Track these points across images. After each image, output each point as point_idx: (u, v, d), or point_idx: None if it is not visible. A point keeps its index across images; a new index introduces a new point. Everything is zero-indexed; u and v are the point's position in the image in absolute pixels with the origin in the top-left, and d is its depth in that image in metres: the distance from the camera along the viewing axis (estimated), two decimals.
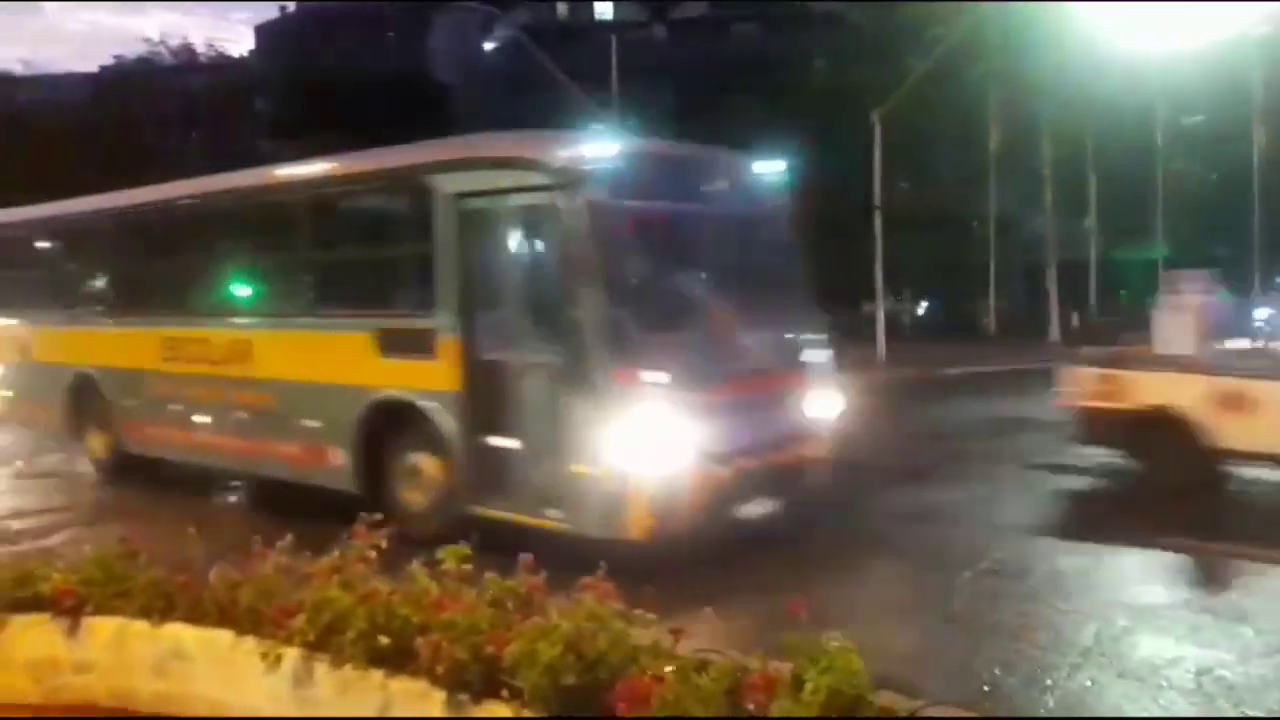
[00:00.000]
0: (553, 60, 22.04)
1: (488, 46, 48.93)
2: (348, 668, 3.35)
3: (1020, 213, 31.32)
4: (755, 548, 6.54)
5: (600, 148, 6.45)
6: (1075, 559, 6.51)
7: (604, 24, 47.31)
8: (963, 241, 32.10)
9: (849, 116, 24.74)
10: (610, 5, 50.43)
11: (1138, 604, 5.57)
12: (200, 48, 47.45)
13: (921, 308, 36.56)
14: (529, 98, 41.27)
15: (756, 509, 6.60)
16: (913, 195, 29.02)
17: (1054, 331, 28.46)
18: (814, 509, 7.45)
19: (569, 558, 3.85)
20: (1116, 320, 21.16)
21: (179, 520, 4.53)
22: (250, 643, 3.58)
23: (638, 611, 3.23)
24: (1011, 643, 4.91)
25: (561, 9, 50.83)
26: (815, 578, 5.97)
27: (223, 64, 48.33)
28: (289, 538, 3.92)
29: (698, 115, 33.91)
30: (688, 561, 5.88)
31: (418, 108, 40.60)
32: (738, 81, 35.68)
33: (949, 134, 29.08)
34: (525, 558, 3.62)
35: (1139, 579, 6.23)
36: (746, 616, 4.66)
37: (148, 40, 52.64)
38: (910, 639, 5.00)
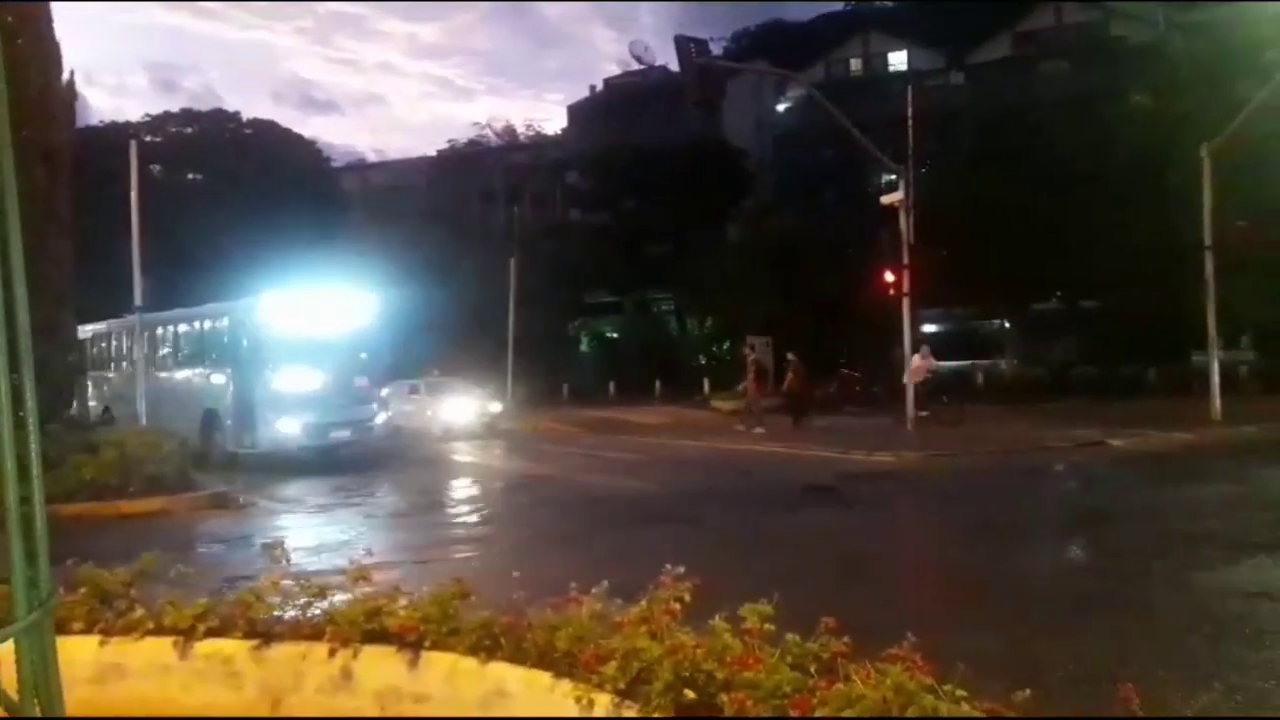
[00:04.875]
0: (846, 114, 21.99)
1: (781, 108, 49.85)
2: (655, 716, 3.44)
3: None
4: (1085, 623, 6.06)
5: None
6: None
7: (899, 75, 46.72)
8: None
9: (1173, 153, 22.78)
10: (905, 55, 49.76)
11: None
12: (520, 128, 51.80)
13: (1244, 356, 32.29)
14: (824, 151, 41.61)
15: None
16: (1251, 233, 26.01)
17: None
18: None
19: (872, 625, 3.76)
20: None
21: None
22: (566, 685, 3.76)
23: (947, 687, 3.09)
24: None
25: (855, 63, 50.72)
26: (1146, 659, 5.43)
27: (540, 142, 52.47)
28: (604, 584, 4.12)
29: (994, 159, 32.53)
30: (995, 639, 5.55)
31: (714, 173, 41.97)
32: (1045, 122, 33.83)
33: None
34: (827, 621, 3.58)
35: None
36: (1067, 696, 4.31)
37: (476, 124, 58.24)
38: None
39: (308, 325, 18.89)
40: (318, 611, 4.60)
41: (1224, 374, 21.42)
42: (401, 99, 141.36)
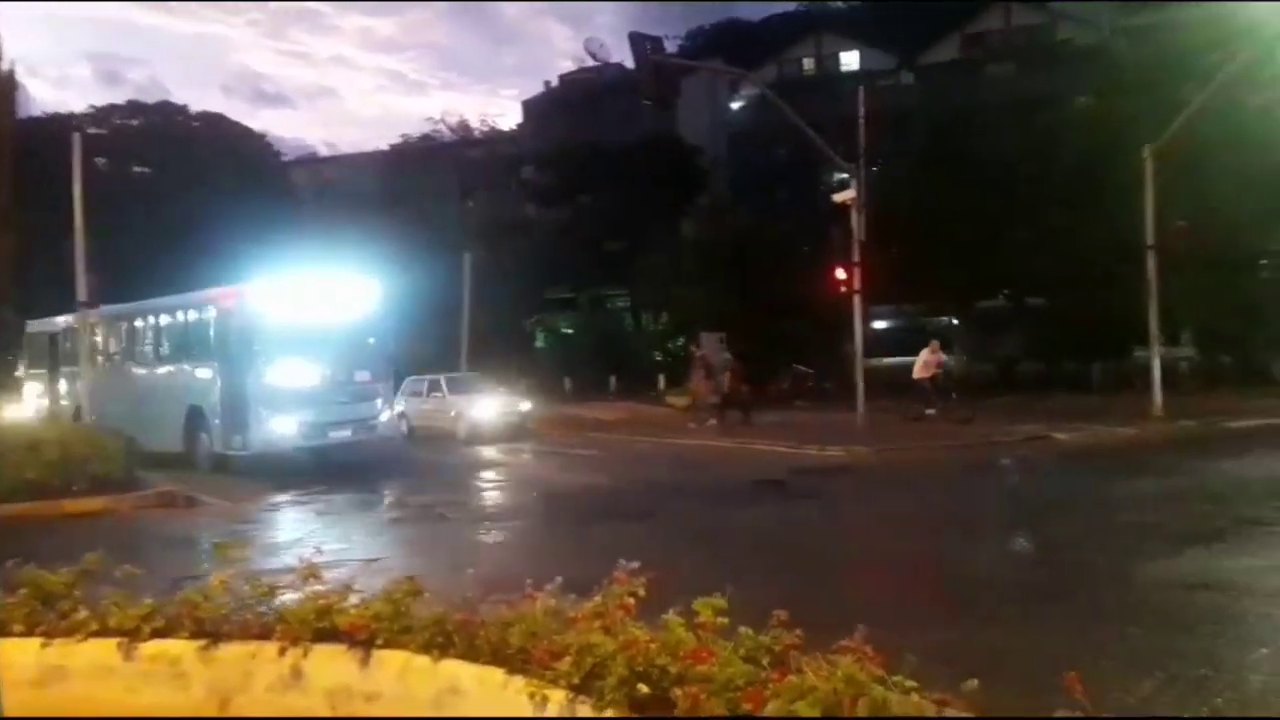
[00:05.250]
0: (799, 113, 22.14)
1: (735, 106, 50.08)
2: (609, 713, 3.45)
3: None
4: (1031, 614, 6.19)
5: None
6: None
7: (850, 75, 47.16)
8: (1249, 282, 29.07)
9: (1116, 154, 23.28)
10: (856, 56, 50.24)
11: None
12: (475, 124, 51.46)
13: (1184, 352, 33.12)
14: (778, 150, 41.90)
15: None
16: (1190, 233, 26.70)
17: None
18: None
19: (824, 618, 3.80)
20: None
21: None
22: (519, 682, 3.74)
23: (897, 678, 3.13)
24: None
25: (808, 63, 51.10)
26: (1090, 648, 5.55)
27: (495, 138, 52.19)
28: (559, 580, 4.12)
29: (943, 159, 33.02)
30: (944, 631, 5.64)
31: (669, 170, 42.05)
32: (992, 124, 34.40)
33: (1231, 167, 26.57)
34: (779, 613, 3.61)
35: None
36: (1012, 686, 4.39)
37: (430, 119, 57.69)
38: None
39: (303, 314, 17.32)
40: (267, 611, 4.55)
41: (1165, 370, 21.92)
42: (354, 93, 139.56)
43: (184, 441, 17.80)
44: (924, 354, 22.52)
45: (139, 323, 20.22)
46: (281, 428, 16.79)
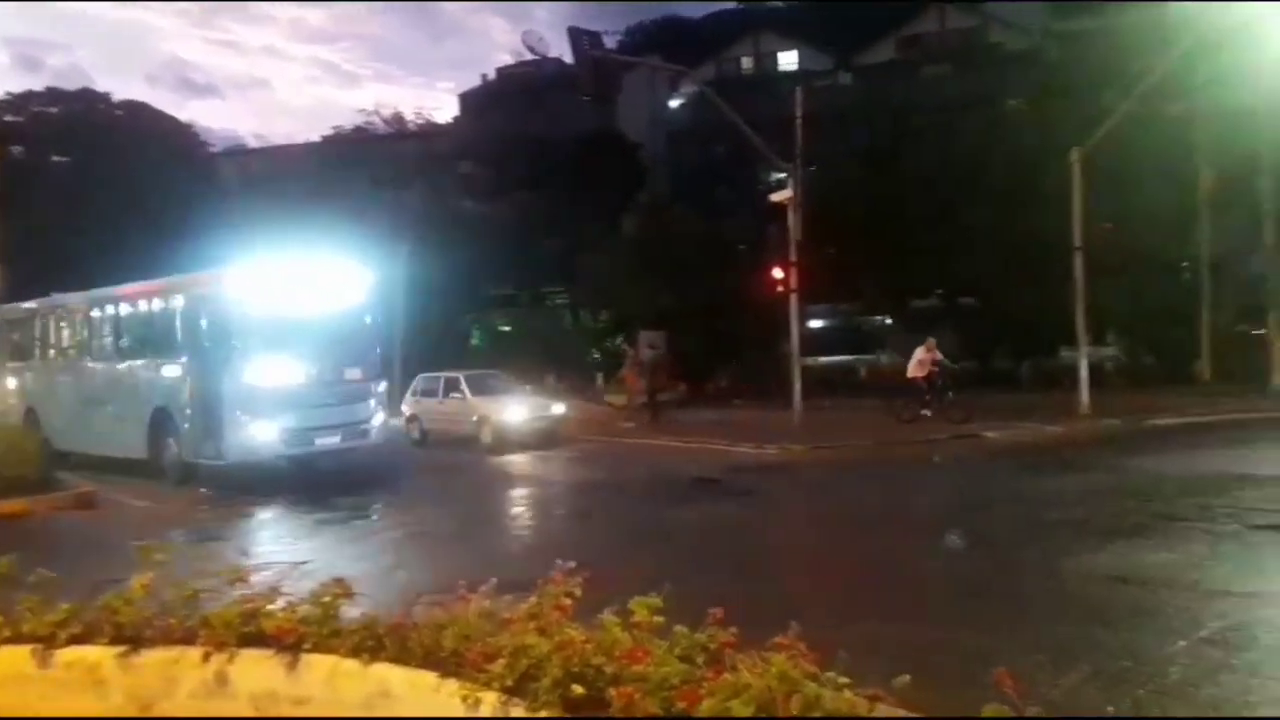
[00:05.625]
0: (737, 111, 22.25)
1: (674, 104, 50.19)
2: (543, 714, 3.42)
3: (1237, 251, 29.03)
4: (960, 609, 6.29)
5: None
6: None
7: (788, 74, 47.54)
8: (1171, 284, 30.04)
9: (1046, 157, 23.84)
10: (795, 55, 50.70)
11: None
12: (410, 116, 50.73)
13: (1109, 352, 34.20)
14: (717, 148, 42.10)
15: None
16: (1114, 237, 27.50)
17: (1278, 378, 26.05)
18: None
19: (758, 614, 3.81)
20: None
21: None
22: (452, 685, 3.69)
23: (830, 674, 3.15)
24: None
25: (746, 62, 51.42)
26: (1016, 643, 5.67)
27: (430, 131, 51.51)
28: (493, 581, 4.07)
29: (879, 160, 33.55)
30: (876, 626, 5.71)
31: (608, 166, 42.00)
32: (927, 125, 34.98)
33: (1154, 171, 27.43)
34: (714, 612, 3.61)
35: None
36: (948, 682, 4.45)
37: (363, 111, 56.70)
38: (1124, 713, 4.65)
39: (286, 304, 15.23)
40: (191, 616, 4.42)
41: (1091, 369, 22.50)
42: (285, 83, 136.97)
43: (148, 448, 15.88)
44: (919, 352, 21.50)
45: (96, 313, 18.05)
46: (261, 433, 14.74)
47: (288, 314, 15.14)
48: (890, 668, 3.16)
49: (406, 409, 22.42)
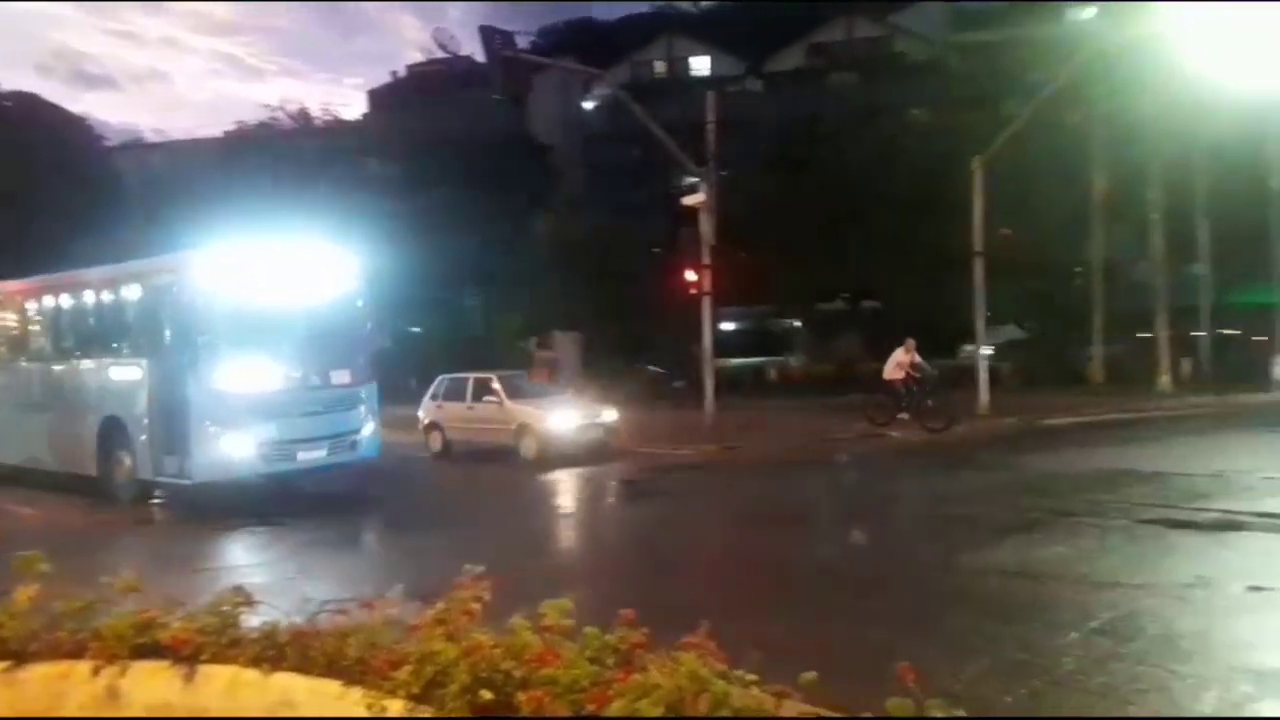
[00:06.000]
0: (651, 115, 22.34)
1: (588, 106, 50.16)
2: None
3: (1127, 258, 30.40)
4: (863, 605, 6.42)
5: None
6: (1192, 620, 6.18)
7: (701, 79, 47.95)
8: (1065, 288, 31.27)
9: (948, 165, 24.55)
10: (707, 60, 51.16)
11: (1263, 669, 5.24)
12: (316, 112, 49.56)
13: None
14: (631, 151, 42.23)
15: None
16: (1012, 241, 28.49)
17: (1165, 380, 27.31)
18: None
19: (671, 614, 3.82)
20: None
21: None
22: (357, 694, 3.61)
23: (738, 672, 3.18)
24: (1122, 708, 4.67)
25: (659, 66, 51.70)
26: (917, 637, 5.81)
27: (337, 127, 50.40)
28: (399, 587, 3.99)
29: (788, 166, 34.12)
30: (782, 623, 5.80)
31: (520, 167, 41.73)
32: (834, 132, 35.68)
33: (1050, 179, 28.52)
34: (625, 613, 3.61)
35: (1265, 642, 5.85)
36: (852, 678, 4.54)
37: (267, 106, 55.13)
38: (1018, 703, 4.81)
39: (264, 295, 12.83)
40: (81, 629, 4.23)
41: (989, 370, 23.24)
42: (186, 76, 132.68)
43: (97, 464, 13.61)
44: (897, 354, 20.26)
45: (32, 305, 15.58)
46: (235, 448, 12.33)
47: (265, 307, 12.77)
48: (797, 664, 3.20)
49: (424, 416, 19.95)
